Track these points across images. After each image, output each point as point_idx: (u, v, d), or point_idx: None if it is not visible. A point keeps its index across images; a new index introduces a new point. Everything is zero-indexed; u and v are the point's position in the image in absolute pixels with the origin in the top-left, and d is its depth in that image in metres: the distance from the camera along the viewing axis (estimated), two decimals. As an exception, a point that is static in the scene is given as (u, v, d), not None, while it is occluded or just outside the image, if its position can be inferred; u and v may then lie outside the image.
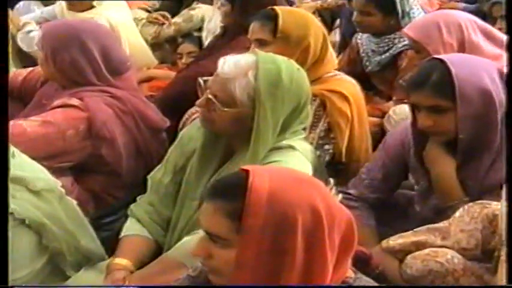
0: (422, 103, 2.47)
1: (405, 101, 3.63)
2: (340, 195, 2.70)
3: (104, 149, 2.92)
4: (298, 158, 2.34)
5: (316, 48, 2.99)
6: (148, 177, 2.63)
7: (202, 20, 4.88)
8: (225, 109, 2.31)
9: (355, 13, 3.94)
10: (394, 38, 3.87)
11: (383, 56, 3.92)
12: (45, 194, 2.34)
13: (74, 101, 2.90)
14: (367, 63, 4.05)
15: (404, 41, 3.78)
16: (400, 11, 3.83)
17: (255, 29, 3.04)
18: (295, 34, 2.96)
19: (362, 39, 4.08)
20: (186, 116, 3.22)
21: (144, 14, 5.07)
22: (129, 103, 3.01)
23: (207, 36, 4.61)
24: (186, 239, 2.28)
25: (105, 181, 3.02)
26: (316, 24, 3.05)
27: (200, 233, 2.23)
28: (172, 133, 3.18)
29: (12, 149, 2.35)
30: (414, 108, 2.56)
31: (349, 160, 3.03)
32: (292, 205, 1.60)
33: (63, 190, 2.45)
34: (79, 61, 2.99)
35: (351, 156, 3.03)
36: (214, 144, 2.44)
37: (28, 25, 4.51)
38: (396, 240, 2.33)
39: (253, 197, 1.59)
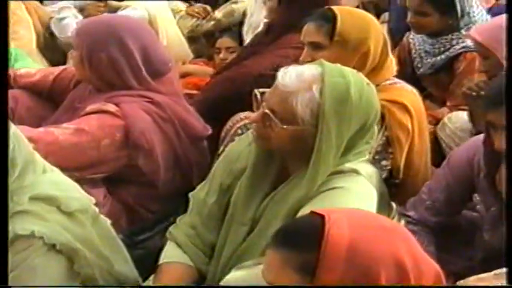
0: (501, 123, 2.20)
1: (462, 107, 3.38)
2: (403, 221, 2.48)
3: (140, 160, 2.69)
4: (362, 184, 2.09)
5: (376, 53, 2.71)
6: (190, 195, 2.39)
7: (244, 15, 4.62)
8: (284, 126, 2.05)
9: (409, 13, 3.65)
10: (452, 39, 3.59)
11: (438, 58, 3.64)
12: (78, 215, 2.11)
13: (110, 107, 2.67)
14: (419, 65, 3.77)
15: (463, 42, 3.52)
16: (459, 11, 3.54)
17: (310, 30, 2.75)
18: (354, 38, 2.68)
19: (415, 39, 3.80)
20: (229, 123, 2.95)
21: (183, 6, 4.82)
22: (169, 109, 2.77)
23: (248, 32, 4.35)
24: (234, 274, 2.02)
25: (139, 193, 2.80)
26: (377, 27, 2.77)
27: (250, 267, 2.05)
28: (213, 141, 2.94)
29: (43, 163, 2.13)
30: (490, 127, 2.30)
31: (406, 176, 2.76)
32: (374, 258, 1.37)
33: (96, 209, 2.22)
34: (117, 62, 2.76)
35: (408, 172, 2.76)
36: (267, 163, 2.19)
37: (64, 10, 4.32)
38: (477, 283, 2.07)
39: (330, 249, 1.35)
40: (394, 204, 2.37)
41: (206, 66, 4.56)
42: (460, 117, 3.32)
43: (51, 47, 4.40)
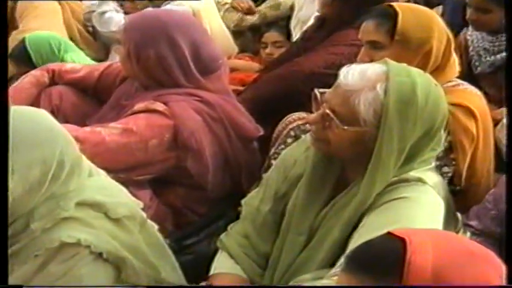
0: None
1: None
2: (468, 233, 2.33)
3: (189, 161, 2.58)
4: (429, 194, 1.95)
5: (439, 53, 2.55)
6: (243, 202, 2.28)
7: (291, 8, 4.47)
8: (345, 127, 1.92)
9: (469, 10, 3.47)
10: (513, 37, 3.41)
11: (498, 57, 3.46)
12: (126, 221, 2.01)
13: (159, 106, 2.56)
14: (477, 64, 3.60)
15: (527, 40, 3.33)
16: (523, 7, 3.35)
17: (369, 29, 2.59)
18: (417, 37, 2.51)
19: (473, 35, 3.62)
20: (282, 124, 2.81)
21: (228, -2, 4.68)
22: (219, 109, 2.65)
23: (296, 26, 4.20)
24: None
25: (187, 195, 2.69)
26: (440, 25, 2.59)
27: (310, 281, 1.92)
28: (263, 142, 2.81)
29: (89, 166, 2.03)
30: None
31: (469, 183, 2.60)
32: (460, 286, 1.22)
33: (144, 215, 2.11)
34: (166, 58, 2.64)
35: (470, 179, 2.60)
36: (325, 170, 2.06)
37: (105, 4, 4.21)
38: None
39: (413, 276, 1.23)
40: (459, 215, 2.22)
41: (252, 61, 4.42)
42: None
43: (88, 42, 4.30)
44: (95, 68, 3.05)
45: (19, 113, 1.90)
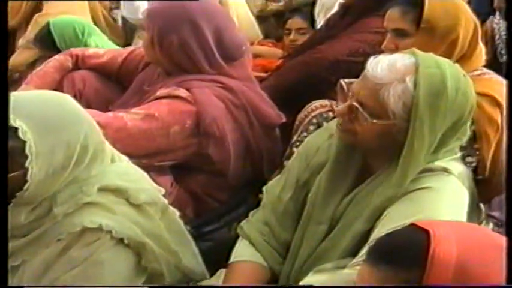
0: None
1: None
2: (491, 224, 2.31)
3: (211, 148, 2.57)
4: (454, 184, 1.93)
5: (465, 41, 2.51)
6: (264, 189, 2.26)
7: (315, -6, 4.43)
8: (373, 121, 1.89)
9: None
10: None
11: None
12: (147, 207, 2.01)
13: (182, 92, 2.55)
14: (503, 52, 3.55)
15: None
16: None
17: (394, 16, 2.55)
18: (443, 25, 2.47)
19: (500, 24, 3.57)
20: (304, 112, 2.78)
21: (253, -16, 4.64)
22: (242, 96, 2.64)
23: (320, 13, 4.15)
24: (313, 277, 1.88)
25: (207, 182, 2.68)
26: (467, 12, 2.55)
27: (331, 271, 1.91)
28: (285, 129, 2.79)
29: (111, 151, 2.02)
30: None
31: (492, 174, 2.56)
32: (484, 280, 1.20)
33: (166, 201, 2.11)
34: (190, 44, 2.63)
35: (494, 169, 2.55)
36: (348, 159, 2.04)
37: None
38: None
39: (436, 269, 1.22)
40: (482, 206, 2.19)
41: (275, 47, 4.39)
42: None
43: (112, 27, 4.29)
44: (118, 53, 3.04)
45: (43, 97, 1.90)
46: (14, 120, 1.77)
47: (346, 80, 1.99)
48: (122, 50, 3.16)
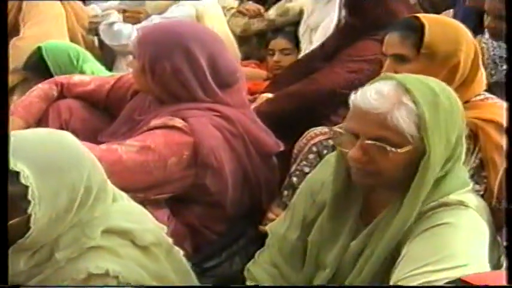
0: None
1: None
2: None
3: (208, 179, 2.49)
4: (473, 218, 1.86)
5: (466, 66, 2.45)
6: (268, 229, 2.19)
7: (299, 14, 4.36)
8: (399, 150, 1.80)
9: (488, 18, 3.37)
10: (533, 45, 3.31)
11: None
12: (153, 249, 1.93)
13: (177, 122, 2.46)
14: (493, 72, 3.50)
15: (545, 49, 3.24)
16: (543, 13, 3.27)
17: (394, 41, 2.48)
18: (444, 50, 2.41)
19: (489, 43, 3.53)
20: (303, 140, 2.70)
21: (235, 3, 4.56)
22: (239, 124, 2.56)
23: (305, 33, 4.09)
24: None
25: (205, 213, 2.59)
26: (468, 37, 2.50)
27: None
28: (281, 157, 2.72)
29: (113, 189, 1.93)
30: None
31: (499, 202, 2.50)
32: None
33: (170, 240, 2.01)
34: (183, 71, 2.54)
35: (501, 197, 2.50)
36: (348, 198, 1.96)
37: (110, 16, 4.11)
38: None
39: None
40: (499, 239, 2.13)
41: (258, 68, 4.31)
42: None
43: (92, 50, 4.16)
44: (105, 80, 2.93)
45: (43, 137, 1.80)
46: (15, 164, 1.67)
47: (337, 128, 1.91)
48: (108, 77, 3.05)
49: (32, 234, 1.71)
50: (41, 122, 2.79)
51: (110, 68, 3.97)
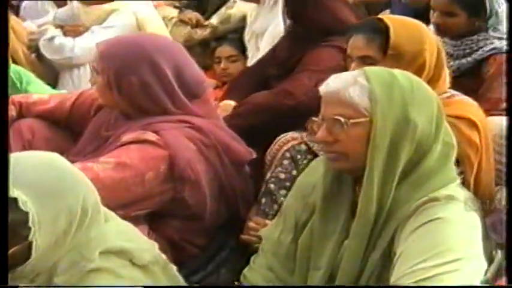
0: None
1: (493, 112, 3.21)
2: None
3: (186, 192, 2.46)
4: (463, 211, 1.91)
5: (431, 64, 2.50)
6: (261, 234, 2.21)
7: (241, 21, 4.36)
8: (351, 121, 1.92)
9: (434, 14, 3.43)
10: (479, 41, 3.37)
11: (463, 61, 3.42)
12: (151, 267, 1.89)
13: (150, 136, 2.42)
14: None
15: (491, 44, 3.32)
16: (488, 10, 3.35)
17: (359, 44, 2.52)
18: (409, 50, 2.46)
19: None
20: (275, 146, 2.68)
21: (174, 12, 4.52)
22: (211, 134, 2.53)
23: (251, 40, 4.07)
24: None
25: (183, 227, 2.55)
26: (431, 36, 2.55)
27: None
28: (255, 165, 2.71)
29: (104, 209, 1.88)
30: None
31: (475, 196, 2.55)
32: None
33: (164, 256, 1.98)
34: (150, 84, 2.50)
35: (477, 191, 2.51)
36: (338, 196, 2.01)
37: (48, 31, 4.00)
38: None
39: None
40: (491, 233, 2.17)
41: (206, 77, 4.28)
42: (494, 123, 3.13)
43: (34, 66, 4.05)
44: (64, 97, 2.85)
45: (35, 160, 1.75)
46: (12, 191, 1.61)
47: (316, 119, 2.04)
48: (67, 94, 2.98)
49: (32, 262, 1.65)
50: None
51: (53, 85, 3.88)
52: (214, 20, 4.46)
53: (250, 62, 3.93)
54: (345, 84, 1.94)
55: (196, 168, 2.45)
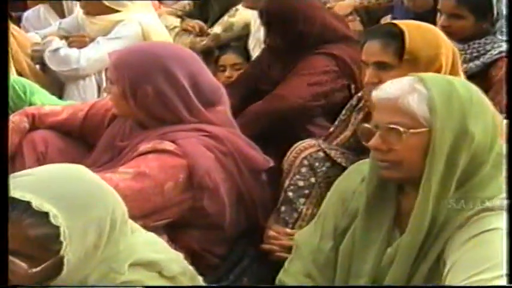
0: None
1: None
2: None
3: (205, 201, 2.44)
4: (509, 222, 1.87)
5: (447, 69, 2.48)
6: (297, 239, 2.18)
7: (244, 28, 4.35)
8: (411, 131, 1.86)
9: (441, 17, 3.43)
10: (486, 44, 3.38)
11: (471, 65, 3.42)
12: (180, 278, 1.87)
13: (167, 145, 2.40)
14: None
15: (499, 47, 3.33)
16: (495, 13, 3.36)
17: (375, 49, 2.49)
18: (426, 55, 2.44)
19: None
20: (292, 154, 2.65)
21: (177, 21, 4.50)
22: (228, 142, 2.52)
23: (255, 47, 4.08)
24: None
25: (203, 237, 2.52)
26: (446, 40, 2.54)
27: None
28: (272, 173, 2.69)
29: (129, 222, 1.86)
30: None
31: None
32: None
33: (191, 267, 1.96)
34: (166, 93, 2.49)
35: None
36: (381, 203, 1.97)
37: (53, 42, 3.97)
38: None
39: None
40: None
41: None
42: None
43: (38, 77, 4.01)
44: (77, 108, 2.83)
45: (62, 173, 1.73)
46: (41, 205, 1.59)
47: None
48: (80, 105, 2.95)
49: (63, 276, 1.63)
50: (15, 156, 2.67)
51: (59, 96, 3.85)
52: (216, 28, 4.45)
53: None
54: (403, 91, 1.90)
55: (215, 177, 2.43)
